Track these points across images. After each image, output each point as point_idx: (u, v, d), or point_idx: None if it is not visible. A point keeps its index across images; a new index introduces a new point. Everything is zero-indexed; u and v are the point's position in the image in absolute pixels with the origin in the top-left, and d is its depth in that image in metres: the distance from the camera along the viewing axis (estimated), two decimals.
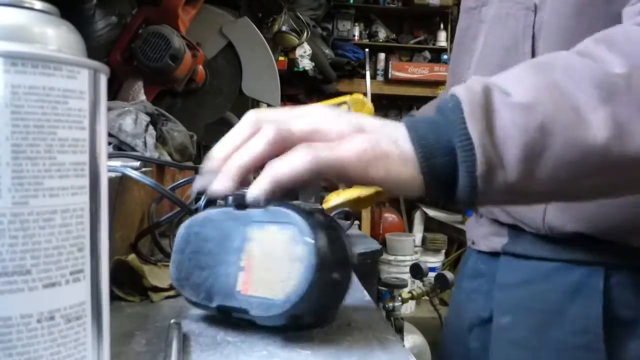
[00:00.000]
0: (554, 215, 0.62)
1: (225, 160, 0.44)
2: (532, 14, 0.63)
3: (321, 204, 0.84)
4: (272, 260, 0.43)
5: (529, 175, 0.42)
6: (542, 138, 0.41)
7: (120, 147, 0.83)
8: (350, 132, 0.43)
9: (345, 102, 1.01)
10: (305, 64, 3.44)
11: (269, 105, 2.02)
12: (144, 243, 0.70)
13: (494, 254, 0.71)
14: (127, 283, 0.55)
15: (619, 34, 0.46)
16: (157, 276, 0.57)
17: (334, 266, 0.42)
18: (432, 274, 1.76)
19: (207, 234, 0.47)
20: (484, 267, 0.73)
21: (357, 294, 0.60)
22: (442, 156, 0.41)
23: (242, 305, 0.44)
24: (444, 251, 4.00)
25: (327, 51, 3.78)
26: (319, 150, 0.41)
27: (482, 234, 0.73)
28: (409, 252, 3.63)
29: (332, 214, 0.92)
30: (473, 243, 0.77)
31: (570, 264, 0.62)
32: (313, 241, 0.41)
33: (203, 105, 1.64)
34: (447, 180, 0.42)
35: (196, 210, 0.53)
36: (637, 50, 0.44)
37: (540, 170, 0.42)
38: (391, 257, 3.58)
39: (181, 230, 0.49)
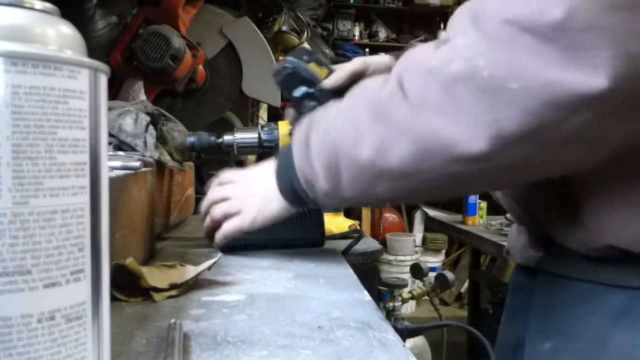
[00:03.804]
0: (585, 228, 0.53)
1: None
2: None
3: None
4: None
5: (336, 184, 0.56)
6: (335, 154, 0.54)
7: (120, 147, 0.83)
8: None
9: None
10: None
11: (269, 105, 2.02)
12: (143, 244, 0.70)
13: (532, 268, 0.63)
14: (127, 286, 0.55)
15: (411, 56, 0.51)
16: (156, 277, 0.57)
17: None
18: (432, 274, 1.75)
19: None
20: (523, 281, 0.66)
21: (357, 294, 0.60)
22: (287, 181, 0.63)
23: None
24: (444, 251, 4.00)
25: (327, 51, 3.78)
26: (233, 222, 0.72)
27: (520, 244, 0.65)
28: (409, 252, 3.63)
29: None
30: (507, 253, 0.69)
31: (612, 287, 0.54)
32: None
33: (203, 105, 1.64)
34: (297, 195, 0.63)
35: None
36: (412, 78, 0.49)
37: (342, 179, 0.55)
38: (391, 257, 3.58)
39: None
